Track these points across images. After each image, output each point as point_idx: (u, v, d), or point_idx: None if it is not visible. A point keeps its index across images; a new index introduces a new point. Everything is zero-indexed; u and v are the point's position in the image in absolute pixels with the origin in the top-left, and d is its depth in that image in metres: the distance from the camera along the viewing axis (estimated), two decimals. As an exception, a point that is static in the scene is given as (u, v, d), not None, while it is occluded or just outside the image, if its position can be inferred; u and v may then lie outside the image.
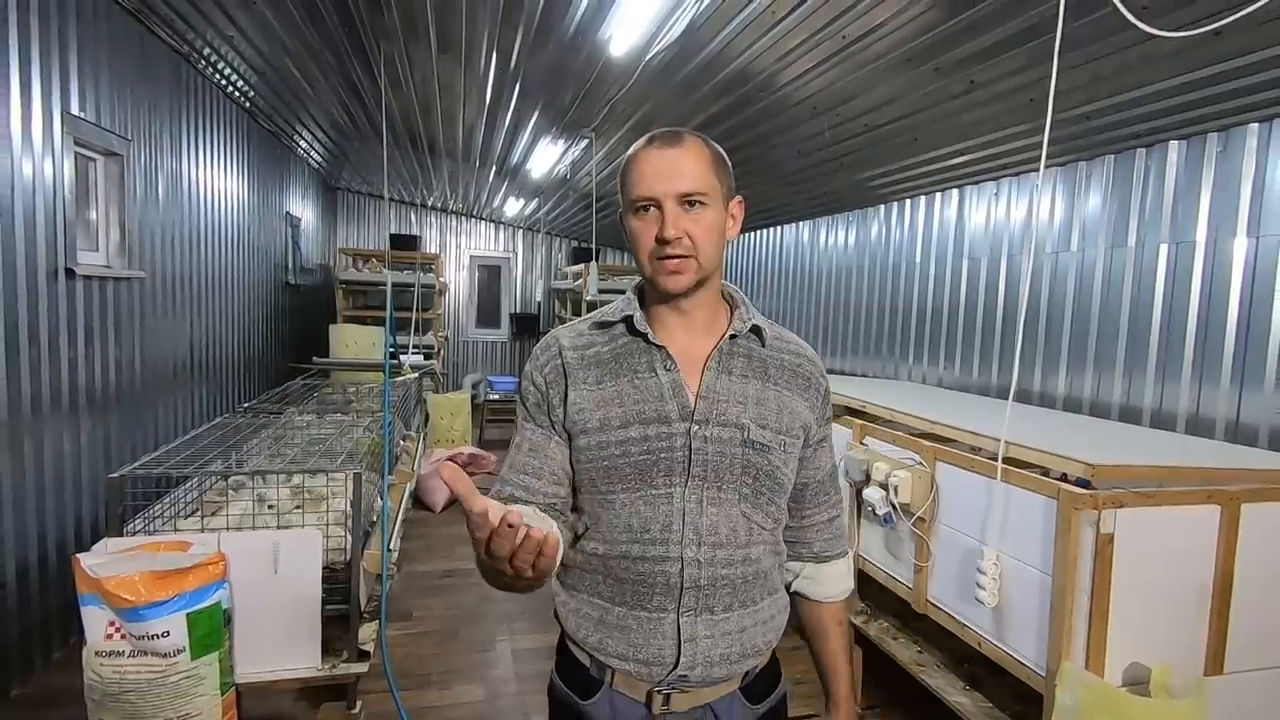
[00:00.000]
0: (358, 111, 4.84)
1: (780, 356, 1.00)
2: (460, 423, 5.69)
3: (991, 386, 3.33)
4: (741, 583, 0.94)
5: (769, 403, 0.96)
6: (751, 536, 0.95)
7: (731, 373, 0.96)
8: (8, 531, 2.40)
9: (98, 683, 1.84)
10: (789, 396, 0.98)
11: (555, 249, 9.30)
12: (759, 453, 0.93)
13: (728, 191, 0.96)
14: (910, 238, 4.00)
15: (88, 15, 2.85)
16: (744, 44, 2.71)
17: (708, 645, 0.92)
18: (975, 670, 2.13)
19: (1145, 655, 1.67)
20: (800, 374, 1.00)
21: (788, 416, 0.97)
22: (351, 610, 2.26)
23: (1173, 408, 2.50)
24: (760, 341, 0.99)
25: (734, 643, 0.94)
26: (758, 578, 0.96)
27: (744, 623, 0.95)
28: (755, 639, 0.96)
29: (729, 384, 0.95)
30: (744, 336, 0.98)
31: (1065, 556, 1.63)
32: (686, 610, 0.92)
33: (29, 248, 2.50)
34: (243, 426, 2.96)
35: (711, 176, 0.92)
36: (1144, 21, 1.59)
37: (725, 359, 0.97)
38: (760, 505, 0.95)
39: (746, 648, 0.95)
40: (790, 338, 1.04)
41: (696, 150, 0.92)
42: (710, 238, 0.92)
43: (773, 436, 0.94)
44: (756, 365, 0.98)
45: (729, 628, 0.93)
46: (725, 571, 0.93)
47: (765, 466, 0.94)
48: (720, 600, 0.93)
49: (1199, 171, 2.45)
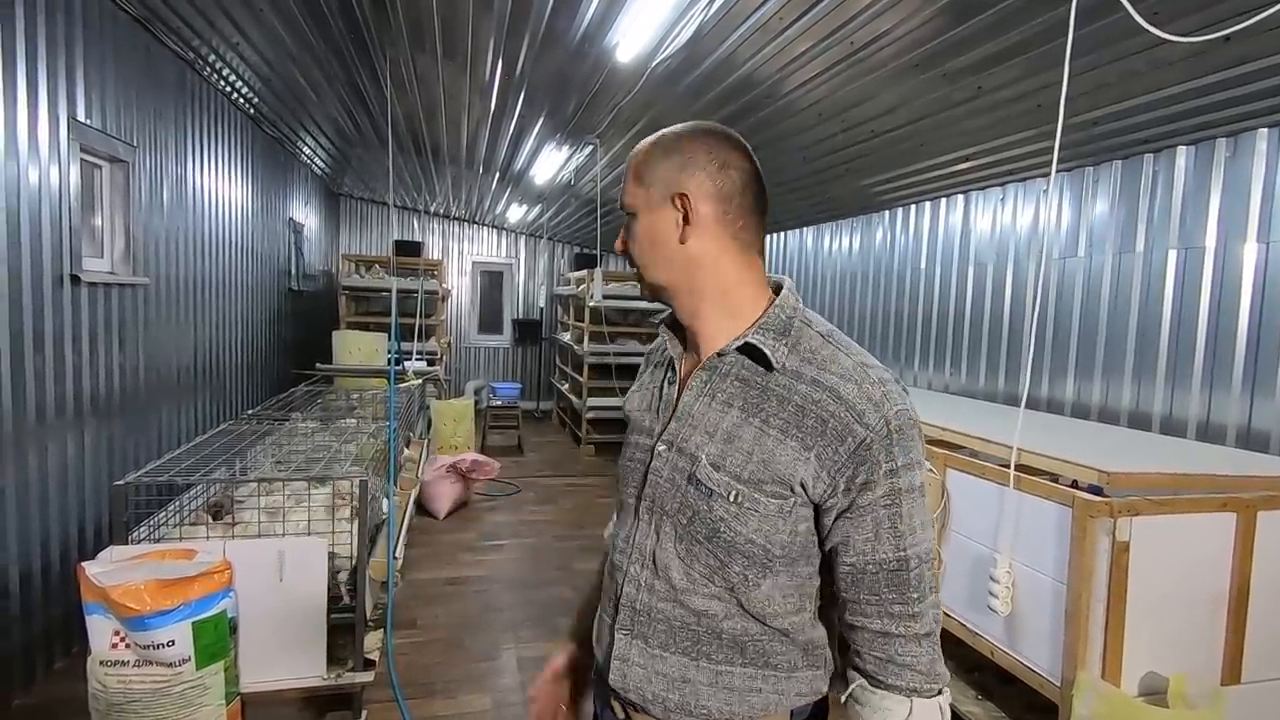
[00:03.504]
0: (362, 118, 4.85)
1: (795, 388, 0.80)
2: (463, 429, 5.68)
3: (999, 392, 3.32)
4: (681, 628, 0.84)
5: (740, 442, 0.80)
6: (692, 585, 0.83)
7: (715, 396, 0.84)
8: (12, 539, 2.39)
9: (102, 693, 1.82)
10: (775, 440, 0.79)
11: (558, 255, 9.30)
12: (700, 495, 0.82)
13: (663, 189, 0.84)
14: (916, 244, 4.00)
15: (94, 23, 2.86)
16: (750, 50, 2.71)
17: (640, 675, 0.86)
18: (986, 679, 2.11)
19: (1162, 665, 1.65)
20: (813, 415, 0.78)
21: (758, 464, 0.79)
22: (357, 619, 2.24)
23: (1183, 414, 2.49)
24: (766, 365, 0.82)
25: (673, 689, 0.84)
26: (710, 633, 0.83)
27: (688, 674, 0.84)
28: (704, 699, 0.83)
29: (705, 408, 0.85)
30: (733, 358, 0.84)
31: (1080, 565, 1.61)
32: (621, 627, 0.89)
33: (35, 254, 2.49)
34: (247, 433, 2.95)
35: (636, 186, 0.86)
36: (1155, 27, 1.58)
37: (714, 379, 0.85)
38: (698, 555, 0.82)
39: (690, 702, 0.84)
40: (839, 368, 0.80)
41: (633, 161, 0.88)
42: (644, 249, 0.87)
43: (724, 482, 0.80)
44: (753, 394, 0.82)
45: (666, 669, 0.85)
46: (661, 605, 0.85)
47: (704, 513, 0.81)
48: (655, 635, 0.85)
49: (1208, 176, 2.44)
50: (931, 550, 0.81)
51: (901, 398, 0.80)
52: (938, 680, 0.79)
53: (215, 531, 2.25)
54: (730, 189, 0.83)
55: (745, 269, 0.85)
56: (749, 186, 0.85)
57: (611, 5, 2.61)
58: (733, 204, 0.84)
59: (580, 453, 6.73)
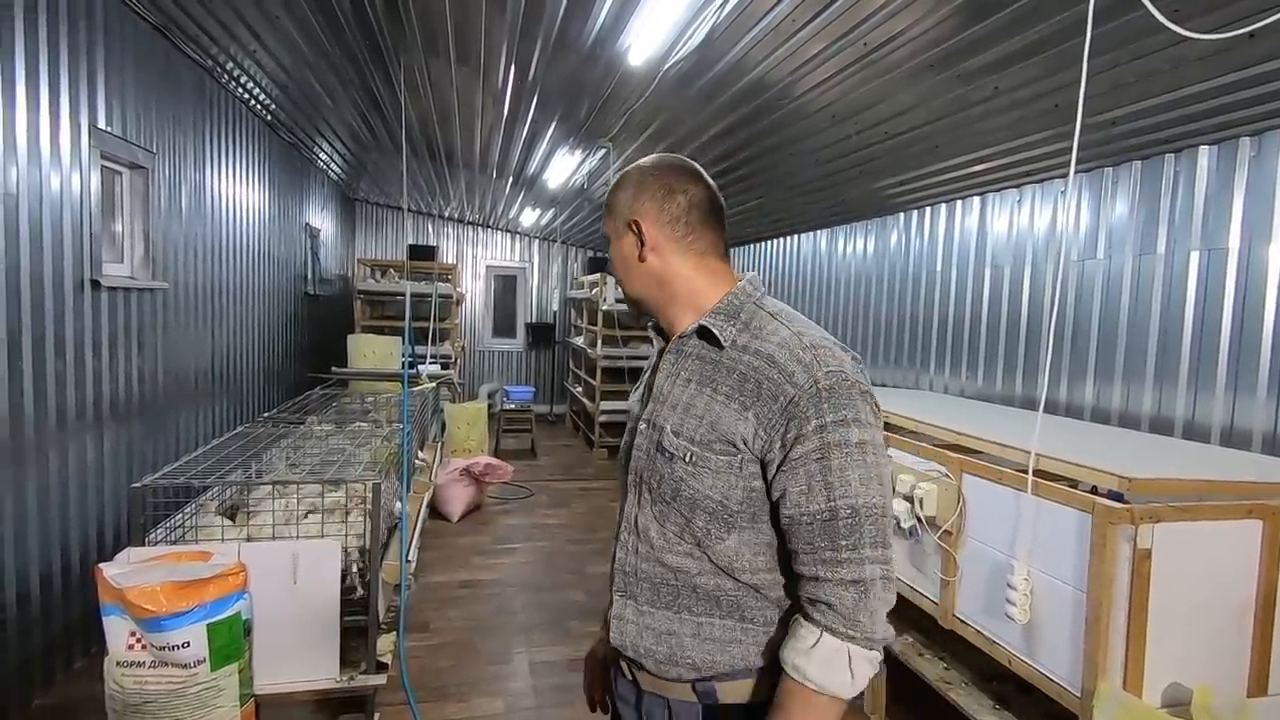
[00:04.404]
0: (377, 123, 4.89)
1: (740, 359, 0.91)
2: (477, 432, 5.70)
3: (1016, 396, 3.27)
4: (662, 584, 0.95)
5: (695, 410, 0.93)
6: (667, 543, 0.95)
7: (679, 375, 0.98)
8: (33, 540, 2.42)
9: (119, 693, 1.84)
10: (722, 405, 0.90)
11: (571, 258, 9.32)
12: (665, 460, 0.94)
13: (623, 219, 1.00)
14: (931, 246, 3.96)
15: (115, 31, 2.90)
16: (763, 53, 2.70)
17: (633, 632, 0.98)
18: (1004, 688, 2.08)
19: (1185, 676, 1.62)
20: (752, 380, 0.88)
21: (707, 427, 0.90)
22: (370, 621, 2.25)
23: (1206, 419, 2.44)
24: (717, 344, 0.94)
25: (661, 642, 0.95)
26: (689, 590, 0.94)
27: (673, 627, 0.95)
28: (689, 651, 0.93)
29: (672, 386, 0.98)
30: (692, 340, 0.98)
31: (1100, 572, 1.58)
32: (617, 590, 1.01)
33: (56, 259, 2.53)
34: (263, 436, 2.97)
35: (607, 216, 1.04)
36: (1176, 24, 1.55)
37: (679, 360, 0.99)
38: (669, 516, 0.94)
39: (677, 654, 0.94)
40: (777, 338, 0.91)
41: (607, 196, 1.04)
42: (618, 269, 1.03)
43: (682, 446, 0.92)
44: (707, 369, 0.94)
45: (654, 624, 0.96)
46: (644, 566, 0.97)
47: (668, 476, 0.94)
48: (643, 593, 0.97)
49: (1231, 176, 2.39)
50: (874, 505, 0.86)
51: (835, 360, 0.88)
52: (857, 628, 0.83)
53: (231, 533, 2.27)
54: (676, 211, 0.98)
55: (703, 271, 0.99)
56: (695, 206, 0.98)
57: (624, 9, 2.61)
58: (680, 223, 0.98)
59: (593, 456, 6.73)
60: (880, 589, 0.85)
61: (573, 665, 2.86)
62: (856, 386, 0.87)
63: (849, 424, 0.85)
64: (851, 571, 0.84)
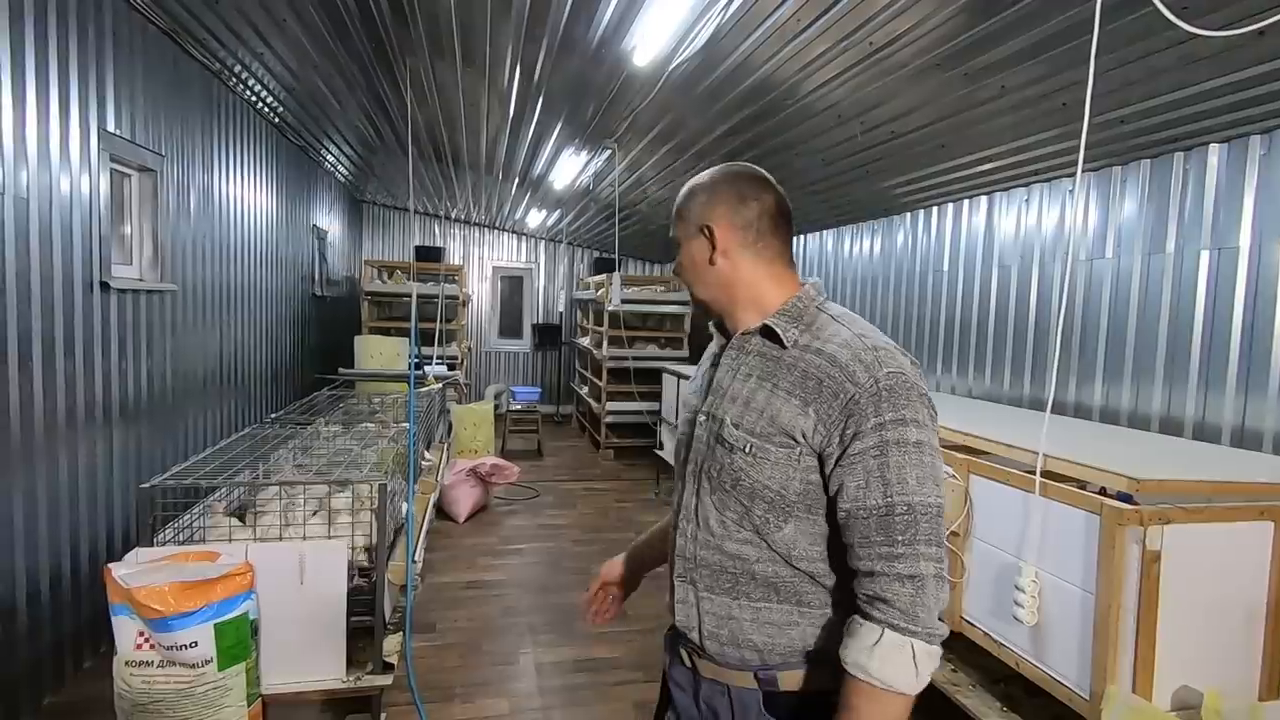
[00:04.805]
0: (384, 126, 4.91)
1: (801, 357, 0.95)
2: (483, 433, 5.71)
3: (1024, 397, 3.25)
4: (720, 571, 0.99)
5: (755, 404, 0.96)
6: (726, 531, 0.98)
7: (739, 370, 1.02)
8: (42, 540, 2.44)
9: (127, 693, 1.85)
10: (782, 400, 0.94)
11: (577, 259, 9.33)
12: (726, 450, 0.98)
13: (695, 224, 1.04)
14: (938, 246, 3.94)
15: (124, 36, 2.93)
16: (768, 53, 2.70)
17: (695, 615, 1.01)
18: (1013, 691, 2.06)
19: (1196, 679, 1.60)
20: (813, 378, 0.92)
21: (767, 420, 0.94)
22: (376, 622, 2.26)
23: (1217, 419, 2.42)
24: (780, 343, 0.98)
25: (722, 625, 0.99)
26: (747, 576, 0.97)
27: (732, 611, 0.98)
28: (749, 634, 0.97)
29: (732, 380, 1.02)
30: (755, 338, 1.01)
31: (1109, 574, 1.57)
32: (679, 576, 1.05)
33: (66, 261, 2.55)
34: (270, 437, 2.99)
35: (677, 223, 1.08)
36: (1185, 21, 1.54)
37: (740, 356, 1.03)
38: (728, 504, 0.98)
39: (738, 637, 0.98)
40: (839, 339, 0.94)
41: (678, 201, 1.08)
42: (687, 270, 1.08)
43: (742, 437, 0.96)
44: (768, 366, 0.98)
45: (714, 609, 1.00)
46: (704, 554, 1.01)
47: (729, 464, 0.97)
48: (702, 578, 1.01)
49: (1241, 175, 2.37)
50: (930, 504, 0.88)
51: (896, 363, 0.91)
52: (917, 622, 0.85)
53: (239, 534, 2.28)
54: (749, 217, 1.01)
55: (767, 277, 1.03)
56: (766, 213, 1.02)
57: (628, 9, 2.61)
58: (751, 230, 1.01)
59: (599, 457, 6.73)
60: (935, 586, 0.87)
61: (579, 666, 2.87)
62: (916, 389, 0.90)
63: (907, 423, 0.88)
64: (908, 567, 0.86)
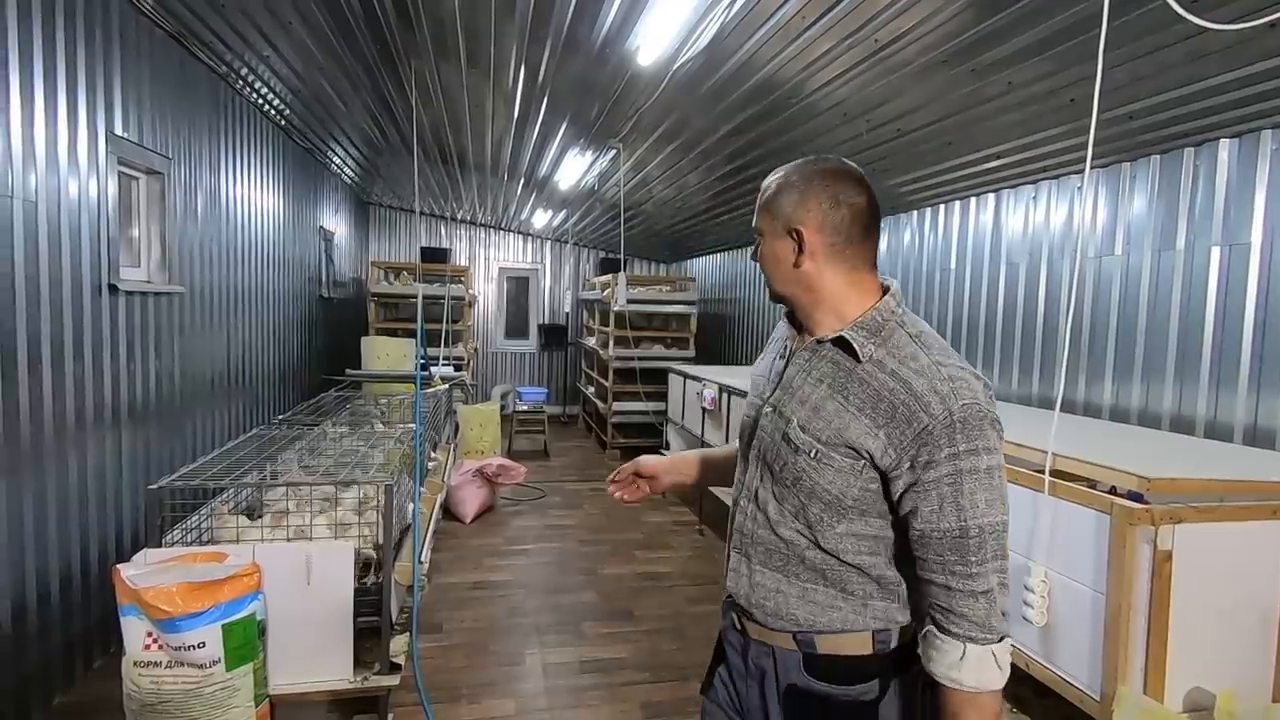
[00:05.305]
0: (389, 127, 4.92)
1: (876, 375, 0.97)
2: (490, 434, 5.72)
3: (1033, 396, 3.23)
4: (774, 551, 1.06)
5: (825, 412, 1.00)
6: (782, 519, 1.04)
7: (810, 374, 1.04)
8: (52, 541, 2.46)
9: (136, 693, 1.86)
10: (853, 416, 0.97)
11: (583, 260, 9.34)
12: (789, 450, 1.02)
13: (784, 224, 1.03)
14: (945, 244, 3.92)
15: (131, 39, 2.94)
16: (772, 51, 2.69)
17: (746, 584, 1.09)
18: (1023, 692, 2.05)
19: (1208, 680, 1.58)
20: (887, 401, 0.95)
21: (835, 431, 0.98)
22: (383, 622, 2.26)
23: (1228, 418, 2.39)
24: (855, 356, 0.99)
25: (769, 596, 1.06)
26: (797, 559, 1.04)
27: (780, 586, 1.05)
28: (794, 609, 1.04)
29: (803, 382, 1.05)
30: (830, 346, 1.03)
31: (1120, 575, 1.55)
32: (735, 547, 1.12)
33: (75, 264, 2.57)
34: (278, 438, 3.00)
35: (763, 215, 1.07)
36: (1194, 15, 1.53)
37: (813, 360, 1.05)
38: (786, 497, 1.04)
39: (783, 610, 1.05)
40: (915, 364, 0.95)
41: (768, 189, 1.07)
42: (768, 265, 1.07)
43: (809, 442, 1.00)
44: (841, 376, 1.00)
45: (764, 581, 1.07)
46: (760, 532, 1.08)
47: (791, 464, 1.02)
48: (756, 554, 1.08)
49: (1253, 170, 2.35)
50: (998, 524, 0.93)
51: (971, 393, 0.93)
52: (993, 632, 0.92)
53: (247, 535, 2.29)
54: (840, 223, 1.00)
55: (850, 285, 1.03)
56: (858, 219, 1.01)
57: (631, 9, 2.61)
58: (841, 235, 1.00)
59: (605, 457, 6.73)
60: (1001, 595, 0.94)
61: (585, 667, 2.86)
62: (988, 417, 0.94)
63: (980, 452, 0.92)
64: (980, 584, 0.92)
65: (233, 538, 2.26)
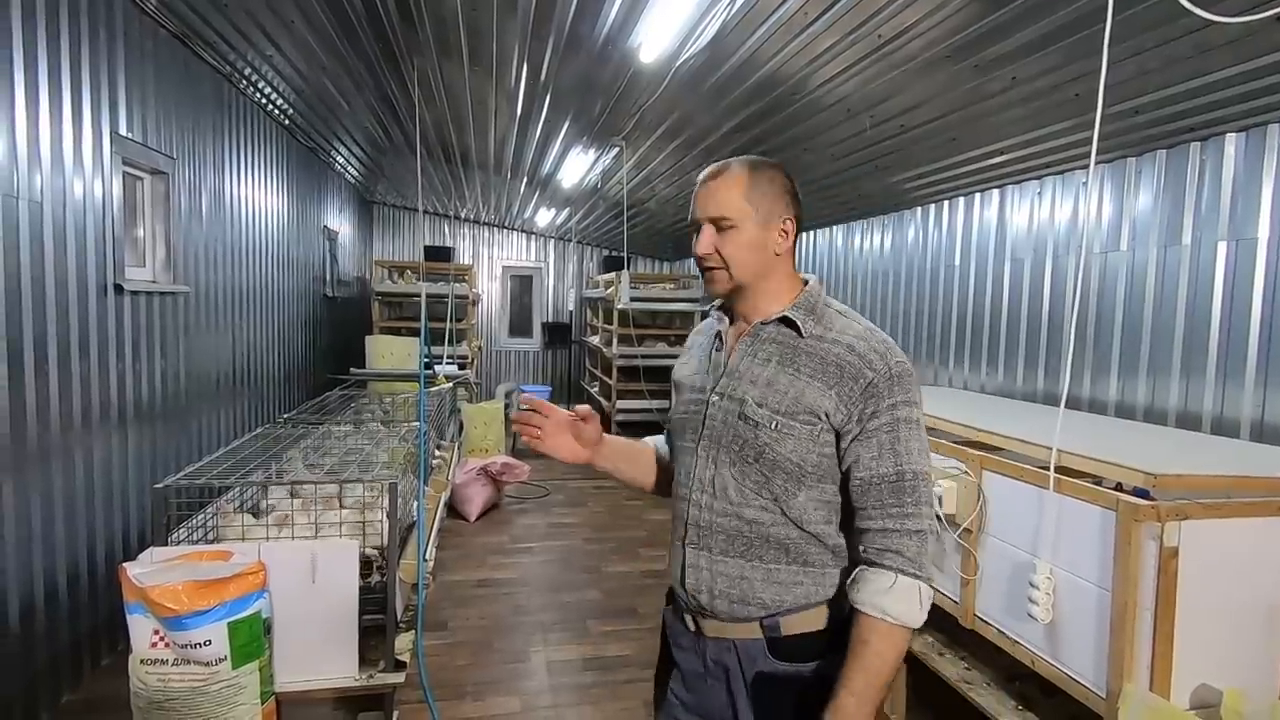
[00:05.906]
0: (392, 126, 4.92)
1: (819, 347, 1.07)
2: (494, 432, 5.72)
3: (1038, 392, 3.22)
4: (736, 535, 1.09)
5: (778, 385, 1.07)
6: (744, 499, 1.08)
7: (756, 356, 1.11)
8: (59, 540, 2.47)
9: (143, 690, 1.86)
10: (805, 383, 1.05)
11: (587, 258, 9.33)
12: (749, 426, 1.07)
13: (768, 212, 1.09)
14: (949, 240, 3.90)
15: (135, 40, 2.95)
16: (774, 48, 2.68)
17: (707, 577, 1.11)
18: (1027, 689, 2.04)
19: (1215, 677, 1.58)
20: (834, 364, 1.05)
21: (792, 400, 1.05)
22: (388, 620, 2.27)
23: (1235, 413, 2.38)
24: (797, 332, 1.09)
25: (733, 585, 1.09)
26: (760, 538, 1.08)
27: (744, 571, 1.09)
28: (760, 592, 1.08)
29: (749, 365, 1.11)
30: (774, 327, 1.12)
31: (1126, 571, 1.55)
32: (690, 543, 1.14)
33: (80, 264, 2.58)
34: (283, 437, 3.01)
35: (742, 203, 1.08)
36: (1200, 7, 1.51)
37: (754, 344, 1.13)
38: (748, 473, 1.08)
39: (749, 595, 1.08)
40: (852, 331, 1.07)
41: (733, 180, 1.09)
42: (740, 254, 1.10)
43: (767, 415, 1.06)
44: (786, 352, 1.09)
45: (727, 570, 1.10)
46: (720, 520, 1.10)
47: (752, 439, 1.07)
48: (717, 543, 1.11)
49: (1260, 164, 2.33)
50: (926, 471, 1.04)
51: (899, 353, 1.06)
52: (921, 569, 1.01)
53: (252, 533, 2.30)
54: (800, 214, 1.13)
55: (789, 273, 1.15)
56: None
57: (633, 7, 2.60)
58: (799, 225, 1.13)
59: (610, 455, 6.73)
60: (931, 539, 1.04)
61: (589, 664, 2.87)
62: (914, 376, 1.07)
63: (912, 404, 1.05)
64: (915, 523, 1.02)
65: (238, 536, 2.26)
